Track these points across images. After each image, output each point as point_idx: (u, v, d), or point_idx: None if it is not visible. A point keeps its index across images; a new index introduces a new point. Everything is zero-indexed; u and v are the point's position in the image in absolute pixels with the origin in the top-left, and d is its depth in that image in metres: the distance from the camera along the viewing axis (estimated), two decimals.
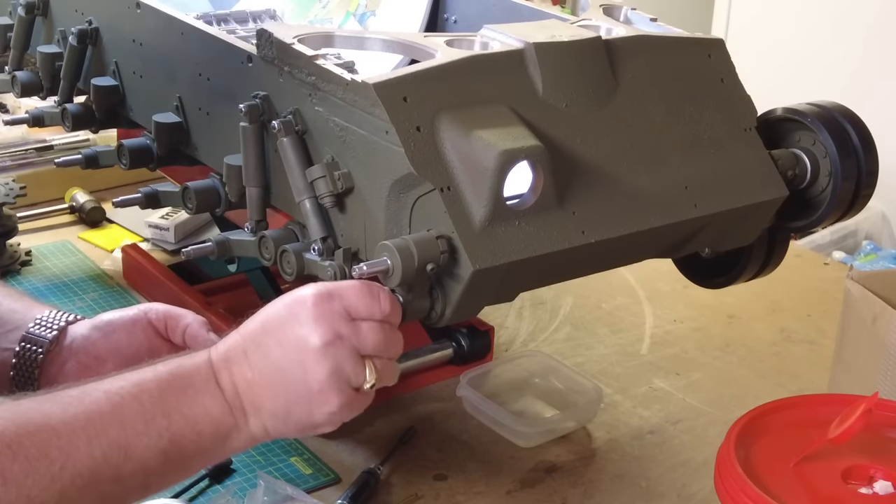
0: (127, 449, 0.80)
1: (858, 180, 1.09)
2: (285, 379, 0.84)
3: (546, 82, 0.99)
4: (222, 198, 1.16)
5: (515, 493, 1.13)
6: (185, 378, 0.84)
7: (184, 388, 0.83)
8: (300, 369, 0.84)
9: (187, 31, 1.17)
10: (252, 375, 0.85)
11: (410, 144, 0.91)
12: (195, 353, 0.87)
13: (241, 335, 0.87)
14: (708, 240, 1.08)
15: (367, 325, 0.85)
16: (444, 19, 1.38)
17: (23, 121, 1.44)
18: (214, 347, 0.87)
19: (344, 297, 0.85)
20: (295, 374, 0.84)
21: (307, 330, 0.83)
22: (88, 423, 0.79)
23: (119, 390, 0.82)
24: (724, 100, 1.08)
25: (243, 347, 0.86)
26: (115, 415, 0.80)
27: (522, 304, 1.49)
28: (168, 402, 0.82)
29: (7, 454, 0.75)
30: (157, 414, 0.81)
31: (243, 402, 0.85)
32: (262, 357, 0.85)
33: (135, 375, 0.84)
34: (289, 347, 0.84)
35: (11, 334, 1.02)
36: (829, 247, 2.77)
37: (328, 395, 0.84)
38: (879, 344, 1.12)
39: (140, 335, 1.03)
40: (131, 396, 0.82)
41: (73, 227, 1.68)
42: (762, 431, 0.98)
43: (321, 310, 0.84)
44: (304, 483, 1.12)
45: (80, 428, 0.78)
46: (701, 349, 1.43)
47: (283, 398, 0.85)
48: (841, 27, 2.94)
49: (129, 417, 0.81)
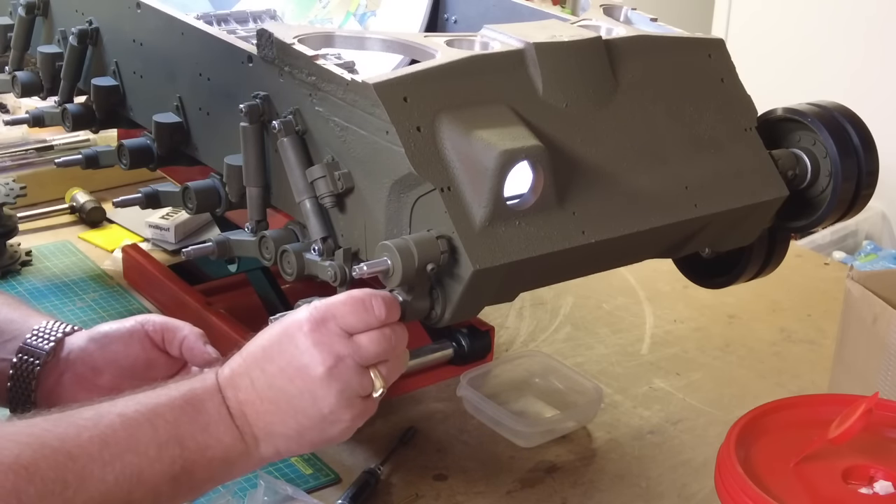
0: (140, 475, 0.80)
1: (858, 180, 1.09)
2: (294, 406, 0.85)
3: (546, 82, 0.99)
4: (222, 198, 1.16)
5: (515, 493, 1.13)
6: (197, 404, 0.85)
7: (196, 415, 0.84)
8: (309, 398, 0.85)
9: (187, 31, 1.17)
10: (261, 404, 0.86)
11: (410, 144, 0.91)
12: (204, 376, 0.88)
13: (243, 359, 0.87)
14: (708, 240, 1.08)
15: (365, 337, 0.86)
16: (444, 19, 1.38)
17: (23, 121, 1.44)
18: (220, 371, 0.87)
19: (338, 317, 0.85)
20: (304, 401, 0.85)
21: (308, 358, 0.84)
22: (104, 447, 0.79)
23: (134, 414, 0.82)
24: (724, 100, 1.08)
25: (248, 374, 0.86)
26: (130, 440, 0.81)
27: (522, 304, 1.49)
28: (181, 428, 0.83)
29: (23, 476, 0.75)
30: (170, 440, 0.82)
31: (254, 429, 0.86)
32: (269, 386, 0.85)
33: (149, 399, 0.84)
34: (294, 376, 0.85)
35: (9, 345, 1.02)
36: (829, 247, 2.77)
37: (339, 414, 0.86)
38: (879, 344, 1.12)
39: (137, 347, 1.03)
40: (146, 421, 0.82)
41: (73, 227, 1.68)
42: (762, 431, 0.98)
43: (318, 336, 0.85)
44: (304, 483, 1.12)
45: (95, 453, 0.79)
46: (701, 349, 1.43)
47: (294, 423, 0.86)
48: (841, 27, 2.94)
49: (143, 443, 0.81)
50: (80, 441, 0.79)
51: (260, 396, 0.85)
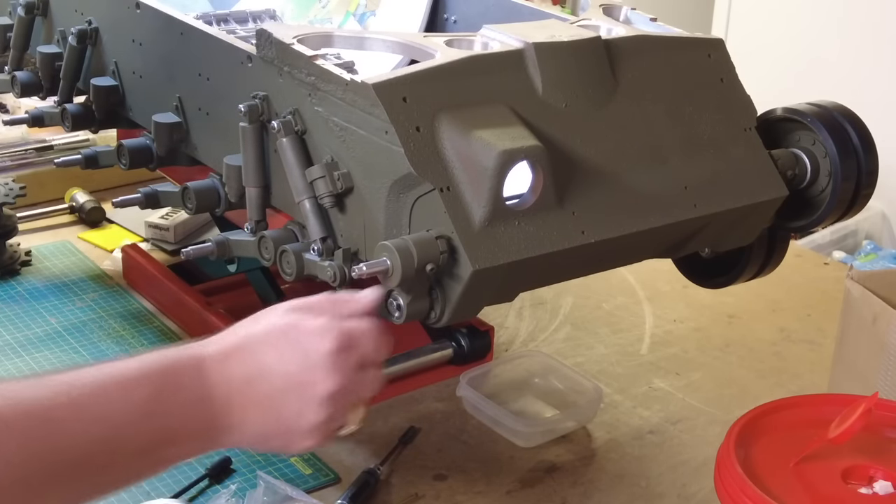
0: (109, 443, 0.78)
1: (858, 180, 1.09)
2: (279, 414, 0.84)
3: (546, 82, 0.99)
4: (222, 198, 1.16)
5: (515, 493, 1.13)
6: (176, 379, 0.82)
7: (175, 391, 0.81)
8: (297, 411, 0.84)
9: (187, 31, 1.17)
10: (249, 395, 0.83)
11: (410, 144, 0.91)
12: (188, 346, 0.85)
13: (240, 341, 0.85)
14: (708, 240, 1.08)
15: (372, 374, 0.86)
16: (444, 19, 1.38)
17: (23, 121, 1.44)
18: (207, 346, 0.84)
19: (362, 347, 0.85)
20: (291, 411, 0.83)
21: (319, 377, 0.83)
22: (77, 411, 0.77)
23: (110, 381, 0.79)
24: (724, 100, 1.08)
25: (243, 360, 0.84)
26: (102, 408, 0.78)
27: (522, 304, 1.49)
28: (156, 404, 0.80)
29: (3, 429, 0.73)
30: (143, 414, 0.80)
31: (231, 418, 0.83)
32: (263, 380, 0.83)
33: (129, 367, 0.81)
34: (292, 385, 0.83)
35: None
36: (829, 247, 2.77)
37: (312, 436, 0.85)
38: (879, 344, 1.12)
39: None
40: (122, 392, 0.79)
41: (73, 227, 1.68)
42: (762, 431, 0.98)
43: (339, 363, 0.84)
44: (304, 483, 1.12)
45: (69, 417, 0.77)
46: (701, 349, 1.43)
47: (270, 426, 0.84)
48: (841, 27, 2.94)
49: (116, 414, 0.79)
50: (53, 404, 0.76)
51: (251, 388, 0.83)
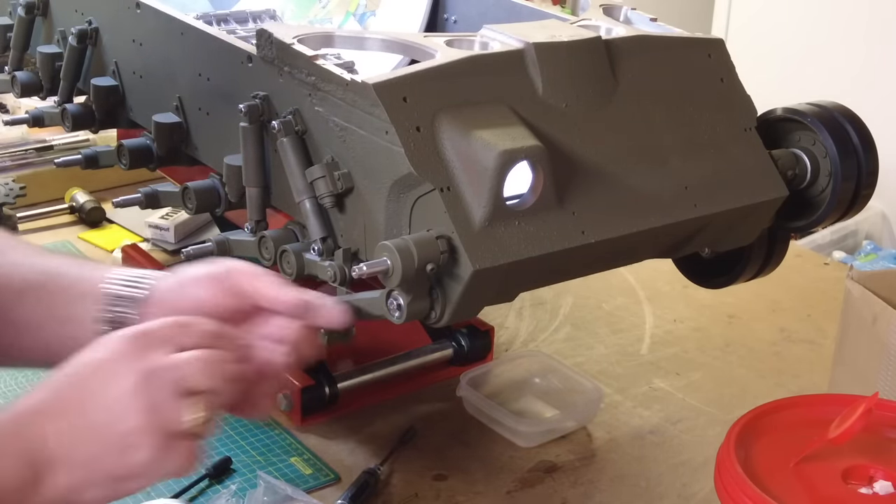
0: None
1: (858, 180, 1.09)
2: (91, 423, 0.76)
3: (546, 82, 0.99)
4: (222, 198, 1.16)
5: (515, 493, 1.13)
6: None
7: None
8: (107, 413, 0.76)
9: (187, 31, 1.17)
10: (59, 424, 0.76)
11: (410, 144, 0.91)
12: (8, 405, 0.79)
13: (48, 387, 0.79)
14: (708, 240, 1.08)
15: (186, 355, 0.78)
16: (444, 19, 1.38)
17: (23, 121, 1.44)
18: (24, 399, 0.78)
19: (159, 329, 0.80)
20: (101, 416, 0.76)
21: (116, 367, 0.77)
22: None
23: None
24: (724, 100, 1.08)
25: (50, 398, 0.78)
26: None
27: (522, 304, 1.49)
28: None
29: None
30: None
31: (49, 452, 0.75)
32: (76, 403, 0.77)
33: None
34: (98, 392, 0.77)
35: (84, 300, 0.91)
36: (829, 247, 2.77)
37: (140, 438, 0.76)
38: (879, 344, 1.12)
39: (219, 293, 0.92)
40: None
41: (73, 227, 1.68)
42: (762, 431, 0.98)
43: (134, 345, 0.78)
44: (304, 483, 1.12)
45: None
46: (701, 349, 1.43)
47: (93, 447, 0.76)
48: (841, 27, 2.94)
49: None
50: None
51: (60, 414, 0.76)
